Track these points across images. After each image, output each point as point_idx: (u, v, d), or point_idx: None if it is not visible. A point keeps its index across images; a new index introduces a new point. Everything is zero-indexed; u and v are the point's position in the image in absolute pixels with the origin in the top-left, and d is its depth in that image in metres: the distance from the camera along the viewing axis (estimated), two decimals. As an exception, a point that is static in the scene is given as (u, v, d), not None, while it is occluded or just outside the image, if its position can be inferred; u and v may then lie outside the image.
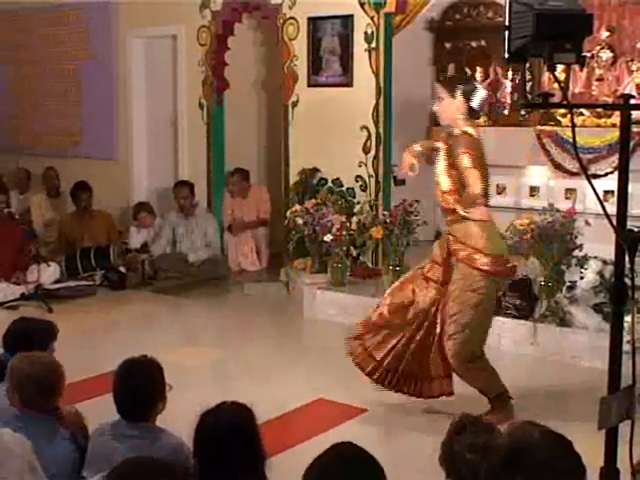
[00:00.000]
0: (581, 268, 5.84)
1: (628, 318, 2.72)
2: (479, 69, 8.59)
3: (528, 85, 7.45)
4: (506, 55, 2.72)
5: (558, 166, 7.83)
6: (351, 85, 7.43)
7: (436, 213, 8.91)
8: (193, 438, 2.80)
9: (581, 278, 5.87)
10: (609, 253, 2.94)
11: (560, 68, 5.79)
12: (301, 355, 5.96)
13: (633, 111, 2.67)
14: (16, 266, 7.57)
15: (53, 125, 10.09)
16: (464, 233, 4.55)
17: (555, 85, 6.46)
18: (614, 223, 2.61)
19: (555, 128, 7.82)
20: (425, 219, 6.77)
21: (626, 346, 2.68)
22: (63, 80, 9.92)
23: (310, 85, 7.72)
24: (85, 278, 7.91)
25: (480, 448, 2.49)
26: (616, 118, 6.69)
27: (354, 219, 7.05)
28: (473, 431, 2.58)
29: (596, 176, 7.08)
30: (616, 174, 2.75)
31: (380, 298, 6.54)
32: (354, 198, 7.38)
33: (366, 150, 7.34)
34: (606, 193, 6.34)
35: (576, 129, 2.85)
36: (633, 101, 2.86)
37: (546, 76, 7.55)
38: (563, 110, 7.41)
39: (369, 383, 4.99)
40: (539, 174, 8.26)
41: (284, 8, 7.73)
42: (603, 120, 7.61)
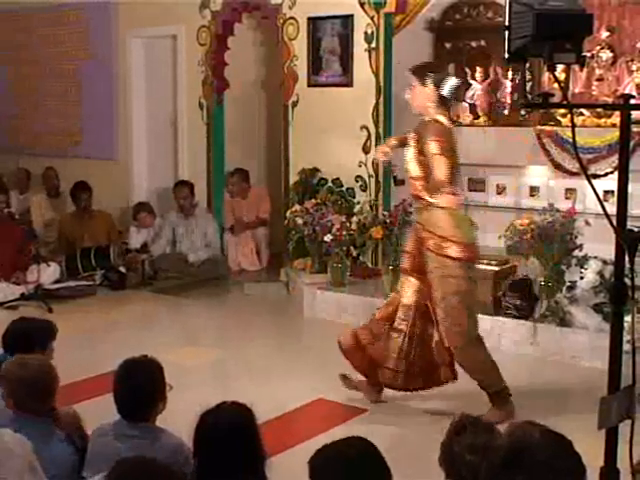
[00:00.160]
0: (581, 268, 5.84)
1: (628, 318, 2.71)
2: (479, 69, 8.59)
3: (528, 85, 7.44)
4: (506, 55, 2.72)
5: (558, 166, 7.83)
6: (351, 85, 7.43)
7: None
8: (193, 438, 2.80)
9: (581, 278, 5.87)
10: (609, 253, 2.94)
11: (560, 68, 5.78)
12: (301, 355, 5.96)
13: (633, 111, 2.67)
14: (16, 266, 7.57)
15: (53, 125, 10.10)
16: (432, 221, 4.59)
17: (555, 85, 6.46)
18: (614, 223, 2.61)
19: (555, 128, 7.81)
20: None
21: (626, 346, 2.68)
22: (63, 80, 9.93)
23: (310, 85, 7.72)
24: (85, 278, 7.91)
25: (480, 449, 2.49)
26: (616, 118, 6.69)
27: (354, 219, 7.05)
28: (473, 432, 2.58)
29: (596, 176, 7.07)
30: (616, 174, 2.75)
31: (380, 298, 6.59)
32: (354, 198, 7.39)
33: (366, 150, 7.34)
34: (606, 193, 6.34)
35: (576, 129, 2.85)
36: (633, 101, 2.86)
37: (546, 76, 7.55)
38: (563, 110, 7.41)
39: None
40: (539, 174, 8.26)
41: (284, 8, 7.73)
42: (603, 120, 7.61)
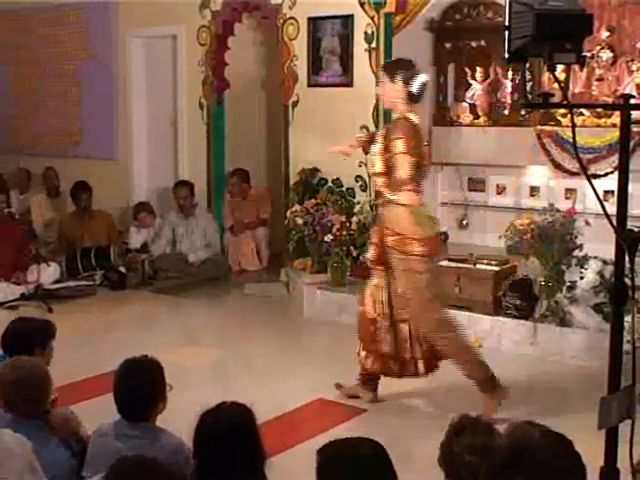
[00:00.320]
0: (581, 268, 5.83)
1: (628, 318, 2.71)
2: (479, 69, 8.59)
3: (528, 85, 7.44)
4: (506, 55, 2.72)
5: (558, 166, 7.83)
6: (351, 85, 7.43)
7: (436, 213, 8.96)
8: (193, 438, 2.80)
9: (581, 278, 5.87)
10: (609, 253, 2.94)
11: (560, 68, 5.80)
12: (301, 355, 5.96)
13: (633, 111, 2.67)
14: (16, 266, 7.57)
15: (53, 125, 10.10)
16: (392, 218, 4.63)
17: (555, 85, 6.46)
18: (614, 223, 2.61)
19: (555, 128, 7.81)
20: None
21: (626, 346, 2.68)
22: (63, 80, 9.92)
23: (310, 85, 7.72)
24: (85, 278, 7.91)
25: (479, 449, 2.49)
26: (616, 118, 6.69)
27: (354, 219, 7.05)
28: (472, 432, 2.58)
29: (596, 176, 7.07)
30: (616, 174, 2.75)
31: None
32: (354, 198, 7.38)
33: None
34: (606, 193, 6.35)
35: (576, 129, 2.85)
36: (633, 101, 2.86)
37: (546, 76, 7.55)
38: (563, 110, 7.41)
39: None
40: (539, 174, 8.26)
41: (284, 8, 7.73)
42: (603, 120, 7.61)
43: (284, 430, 4.57)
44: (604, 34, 7.67)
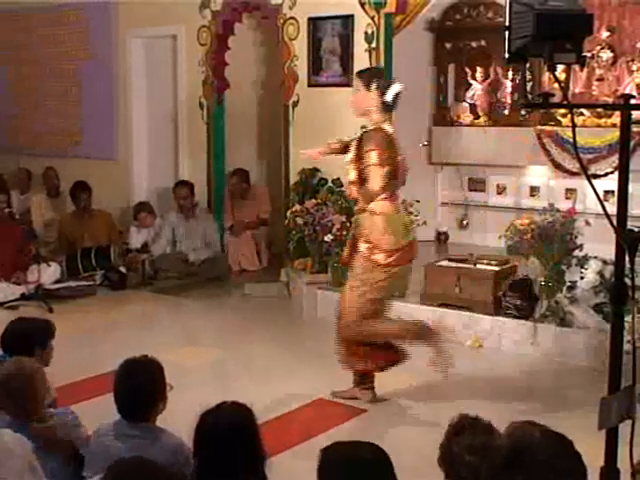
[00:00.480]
0: (581, 268, 5.83)
1: (628, 318, 2.71)
2: (479, 69, 8.60)
3: (528, 85, 7.44)
4: (506, 55, 2.72)
5: (558, 166, 7.84)
6: (351, 85, 7.38)
7: (436, 213, 8.97)
8: (193, 438, 2.80)
9: (581, 278, 5.87)
10: (609, 253, 2.94)
11: (560, 68, 5.80)
12: (301, 355, 5.95)
13: (633, 111, 2.67)
14: (16, 266, 7.57)
15: (53, 125, 10.10)
16: (367, 226, 4.67)
17: (555, 85, 6.47)
18: (614, 223, 2.61)
19: (555, 128, 7.82)
20: (425, 219, 6.77)
21: (626, 346, 2.68)
22: (63, 80, 9.92)
23: (310, 85, 7.72)
24: (85, 278, 7.91)
25: (479, 449, 2.49)
26: (616, 118, 6.69)
27: (354, 219, 7.04)
28: (471, 432, 2.58)
29: (596, 176, 7.08)
30: (616, 174, 2.75)
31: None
32: (354, 198, 7.37)
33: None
34: (606, 193, 6.35)
35: (576, 129, 2.84)
36: (633, 101, 2.86)
37: (546, 76, 7.56)
38: (563, 110, 7.42)
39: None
40: (539, 174, 8.27)
41: (284, 8, 7.73)
42: (603, 120, 7.61)
43: (284, 430, 4.57)
44: (604, 34, 7.68)
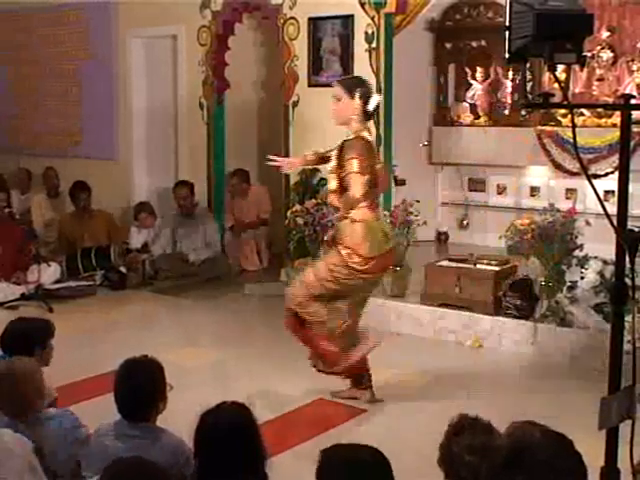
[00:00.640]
0: (581, 268, 5.83)
1: (629, 318, 2.71)
2: (479, 69, 8.60)
3: (528, 85, 7.45)
4: (506, 55, 2.71)
5: (558, 166, 7.84)
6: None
7: (436, 213, 8.97)
8: (194, 438, 2.80)
9: (581, 278, 5.87)
10: (609, 253, 2.95)
11: (560, 68, 5.80)
12: (301, 355, 5.93)
13: (633, 111, 2.67)
14: (16, 266, 7.57)
15: (53, 125, 10.10)
16: (346, 232, 4.71)
17: (555, 85, 6.47)
18: (614, 223, 2.61)
19: (555, 128, 7.82)
20: (425, 219, 6.77)
21: (627, 346, 2.68)
22: (63, 80, 9.92)
23: (310, 85, 7.72)
24: (85, 278, 7.91)
25: (479, 449, 2.49)
26: (616, 118, 6.70)
27: (354, 219, 7.04)
28: (471, 432, 2.58)
29: (596, 176, 7.09)
30: (616, 174, 2.75)
31: (380, 298, 6.59)
32: (354, 198, 7.36)
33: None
34: (606, 193, 6.36)
35: (576, 129, 2.84)
36: (633, 101, 2.85)
37: (546, 76, 7.56)
38: (563, 110, 7.42)
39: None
40: (539, 174, 8.27)
41: (284, 8, 7.73)
42: (603, 120, 7.62)
43: (284, 430, 4.57)
44: (604, 34, 7.68)
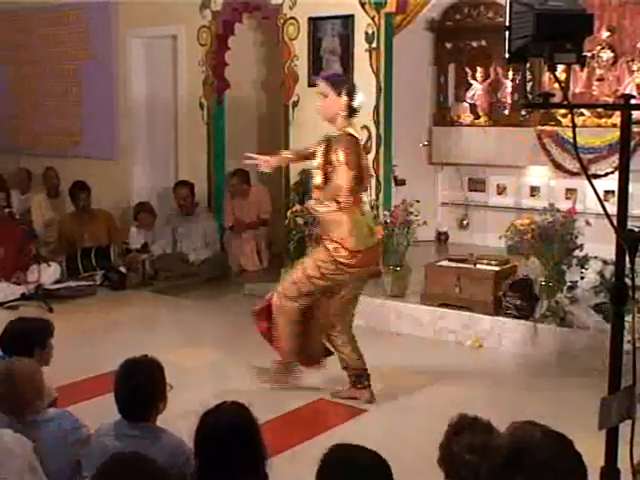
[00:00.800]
0: (582, 268, 5.83)
1: (629, 318, 2.71)
2: (479, 69, 8.61)
3: (529, 85, 7.45)
4: (506, 55, 2.71)
5: (559, 166, 7.84)
6: (351, 85, 7.41)
7: (436, 213, 8.97)
8: (194, 438, 2.80)
9: (582, 278, 5.87)
10: (609, 253, 2.94)
11: (560, 68, 5.81)
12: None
13: (634, 111, 2.67)
14: (16, 266, 7.58)
15: (53, 125, 10.09)
16: (331, 226, 4.78)
17: (555, 85, 6.47)
18: (614, 223, 2.61)
19: (556, 128, 7.83)
20: (425, 219, 6.77)
21: (627, 346, 2.68)
22: (63, 80, 9.92)
23: (310, 85, 7.69)
24: (85, 278, 7.91)
25: (479, 448, 2.49)
26: (617, 118, 6.70)
27: (354, 219, 7.04)
28: (471, 431, 2.58)
29: (596, 176, 7.09)
30: (616, 174, 2.75)
31: (380, 298, 6.60)
32: (354, 198, 7.36)
33: (366, 150, 7.30)
34: (607, 193, 6.36)
35: (577, 129, 2.84)
36: (634, 101, 2.85)
37: (546, 76, 7.56)
38: (564, 110, 7.42)
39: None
40: (540, 174, 8.27)
41: (284, 8, 7.73)
42: (604, 120, 7.62)
43: (284, 430, 4.57)
44: (604, 34, 7.68)
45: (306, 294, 4.91)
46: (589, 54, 7.48)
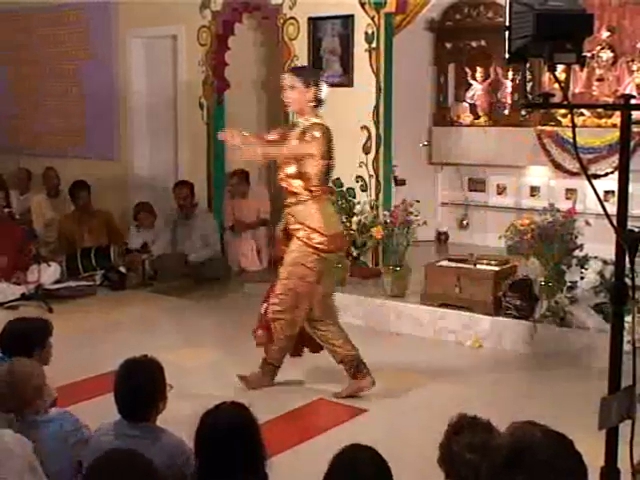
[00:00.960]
0: (581, 268, 5.84)
1: (628, 318, 2.71)
2: (479, 69, 8.61)
3: (528, 85, 7.45)
4: (506, 55, 2.72)
5: (558, 166, 7.85)
6: (351, 85, 7.42)
7: (436, 213, 8.97)
8: (194, 439, 2.80)
9: (581, 278, 5.87)
10: (609, 253, 2.94)
11: (560, 68, 5.80)
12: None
13: (633, 111, 2.67)
14: (16, 266, 7.58)
15: (53, 125, 10.09)
16: (304, 214, 4.92)
17: (555, 85, 6.47)
18: (614, 223, 2.61)
19: (555, 128, 7.83)
20: (425, 219, 6.77)
21: (626, 346, 2.68)
22: (63, 80, 9.92)
23: (310, 85, 7.71)
24: (85, 278, 7.91)
25: (479, 447, 2.49)
26: (616, 118, 6.70)
27: (354, 219, 7.05)
28: (471, 431, 2.58)
29: (596, 176, 7.09)
30: (616, 174, 2.75)
31: (380, 298, 6.60)
32: (354, 198, 7.38)
33: (366, 150, 7.33)
34: (606, 193, 6.37)
35: (576, 129, 2.84)
36: (633, 101, 2.85)
37: (546, 76, 7.56)
38: (563, 110, 7.42)
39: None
40: (539, 174, 8.27)
41: (284, 8, 7.73)
42: (603, 120, 7.62)
43: (284, 430, 4.56)
44: (604, 34, 7.69)
45: (302, 301, 4.98)
46: (589, 54, 7.48)
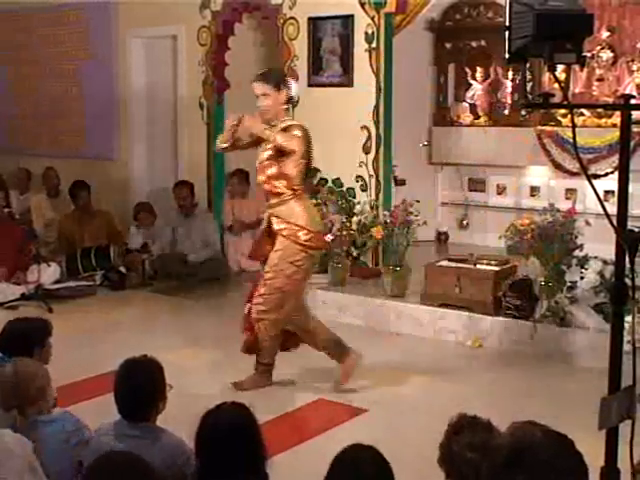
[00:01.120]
0: (581, 268, 5.84)
1: (628, 318, 2.71)
2: (479, 69, 8.61)
3: (528, 85, 7.45)
4: (506, 55, 2.72)
5: (558, 166, 7.85)
6: (351, 85, 7.42)
7: (436, 213, 8.98)
8: (194, 439, 2.80)
9: (581, 278, 5.87)
10: (609, 253, 2.95)
11: (560, 68, 5.80)
12: (301, 355, 5.94)
13: (633, 111, 2.67)
14: (16, 266, 7.58)
15: (53, 125, 10.09)
16: (288, 213, 4.96)
17: (555, 85, 6.47)
18: (614, 223, 2.61)
19: (555, 128, 7.83)
20: (425, 219, 6.77)
21: (626, 346, 2.68)
22: (63, 80, 9.92)
23: (310, 85, 7.71)
24: (85, 278, 7.91)
25: (479, 446, 2.49)
26: (616, 118, 6.70)
27: (354, 219, 7.06)
28: (471, 430, 2.58)
29: (596, 176, 7.10)
30: (616, 174, 2.75)
31: (380, 298, 6.60)
32: (354, 198, 7.39)
33: (366, 150, 7.33)
34: (606, 193, 6.37)
35: (576, 129, 2.84)
36: (633, 101, 2.86)
37: (546, 76, 7.57)
38: (563, 110, 7.43)
39: (369, 383, 5.03)
40: (539, 174, 8.28)
41: (284, 8, 7.73)
42: (603, 120, 7.62)
43: (284, 430, 4.56)
44: (604, 34, 7.69)
45: (287, 299, 5.01)
46: (589, 54, 7.49)
